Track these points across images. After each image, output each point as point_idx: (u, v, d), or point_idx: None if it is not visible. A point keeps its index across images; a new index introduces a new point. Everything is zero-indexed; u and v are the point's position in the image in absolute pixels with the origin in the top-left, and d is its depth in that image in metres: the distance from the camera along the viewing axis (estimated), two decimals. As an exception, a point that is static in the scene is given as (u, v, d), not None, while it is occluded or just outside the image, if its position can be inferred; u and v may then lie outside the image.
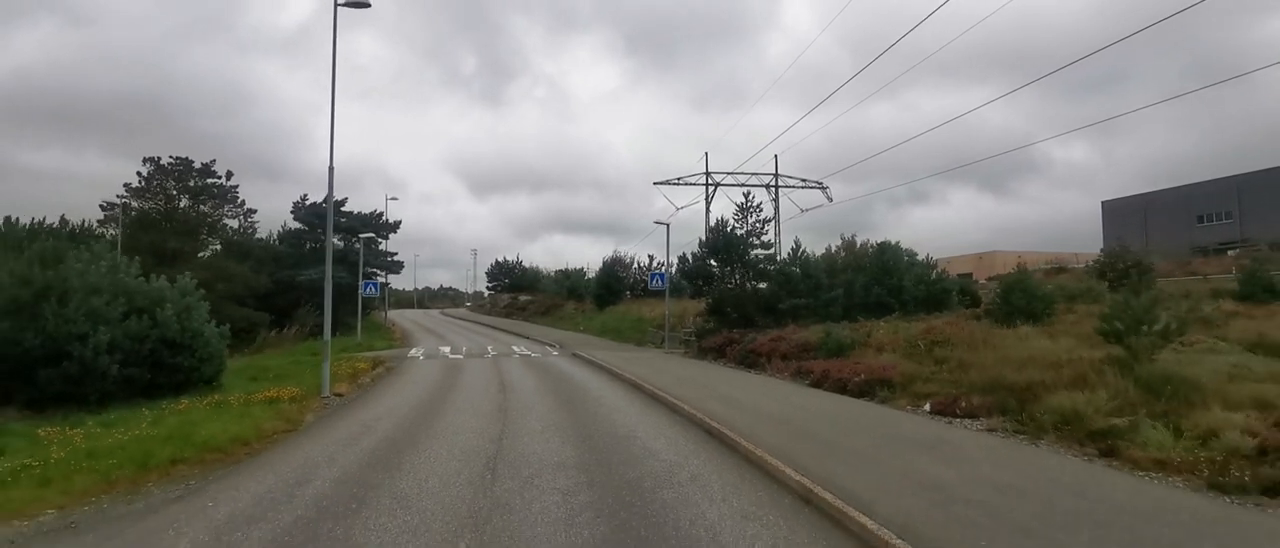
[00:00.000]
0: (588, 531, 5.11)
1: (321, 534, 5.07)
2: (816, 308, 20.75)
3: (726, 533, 5.06)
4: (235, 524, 5.32)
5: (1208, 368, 8.87)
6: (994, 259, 50.21)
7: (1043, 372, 9.42)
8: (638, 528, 5.17)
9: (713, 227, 23.96)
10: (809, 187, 43.88)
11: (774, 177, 42.95)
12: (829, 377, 12.77)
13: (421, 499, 5.98)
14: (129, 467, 7.10)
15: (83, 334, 10.87)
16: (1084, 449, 7.12)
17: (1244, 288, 17.69)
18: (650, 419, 10.28)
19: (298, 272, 32.63)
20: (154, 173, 27.38)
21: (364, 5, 13.46)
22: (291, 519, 5.44)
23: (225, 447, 8.27)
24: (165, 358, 12.53)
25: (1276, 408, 6.95)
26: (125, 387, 11.76)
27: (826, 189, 43.53)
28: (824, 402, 11.10)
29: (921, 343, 13.15)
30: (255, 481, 6.81)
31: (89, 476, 6.77)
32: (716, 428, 8.87)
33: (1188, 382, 7.97)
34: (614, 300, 42.26)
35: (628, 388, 14.06)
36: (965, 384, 10.14)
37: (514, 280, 66.64)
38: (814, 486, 5.91)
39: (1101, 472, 6.39)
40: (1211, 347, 10.37)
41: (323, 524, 5.30)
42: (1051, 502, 5.40)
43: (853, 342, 14.78)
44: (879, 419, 9.33)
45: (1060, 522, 4.90)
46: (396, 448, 8.23)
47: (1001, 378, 9.63)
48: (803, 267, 21.94)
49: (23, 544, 5.16)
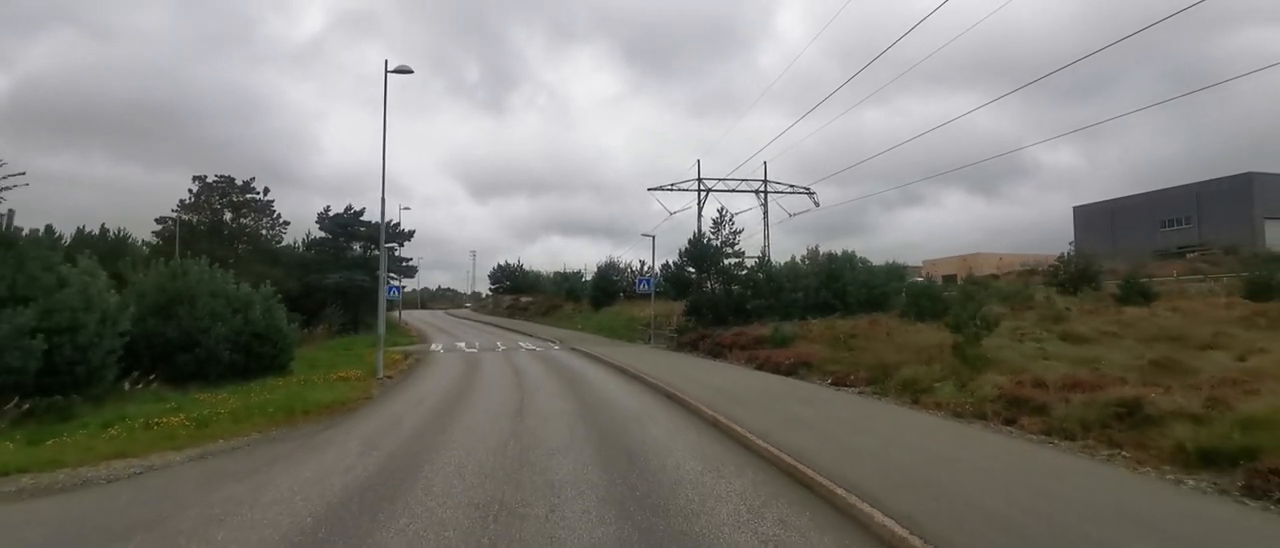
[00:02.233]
0: (582, 439, 8.82)
1: (428, 442, 8.76)
2: (778, 308, 24.48)
3: (662, 440, 8.76)
4: (374, 437, 9.04)
5: (1018, 351, 12.63)
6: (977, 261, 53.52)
7: (908, 355, 13.19)
8: (611, 439, 8.88)
9: (692, 239, 27.64)
10: (796, 192, 47.16)
11: (763, 183, 46.41)
12: (769, 362, 16.54)
13: (481, 426, 9.71)
14: (281, 414, 10.81)
15: (206, 329, 14.58)
16: (905, 400, 10.88)
17: (1124, 292, 21.48)
18: (628, 390, 14.02)
19: (324, 276, 36.21)
20: (201, 189, 31.10)
21: (407, 72, 17.11)
22: (408, 433, 9.18)
23: (330, 406, 11.97)
24: (255, 347, 16.22)
25: (1028, 374, 10.67)
26: (229, 369, 15.46)
27: (813, 194, 46.89)
28: (758, 379, 14.85)
29: (842, 337, 16.90)
30: (366, 422, 10.54)
31: (260, 418, 10.48)
32: (673, 393, 12.61)
33: (990, 359, 11.71)
34: (608, 302, 45.94)
35: (615, 371, 17.79)
36: (859, 365, 13.89)
37: (515, 282, 70.34)
38: (720, 419, 9.64)
39: (902, 411, 10.14)
40: (1036, 337, 14.13)
41: (427, 437, 9.02)
42: (857, 424, 9.13)
43: (794, 336, 18.54)
44: (788, 388, 13.08)
45: (855, 430, 8.62)
46: (451, 406, 11.96)
47: (881, 360, 13.40)
48: (767, 273, 25.70)
49: (255, 442, 8.88)
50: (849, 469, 6.39)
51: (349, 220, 38.15)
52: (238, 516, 5.47)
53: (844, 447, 7.59)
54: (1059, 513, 5.02)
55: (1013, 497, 5.49)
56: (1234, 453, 5.87)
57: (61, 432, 9.40)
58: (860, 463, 6.72)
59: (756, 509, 5.59)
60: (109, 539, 4.98)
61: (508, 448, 8.18)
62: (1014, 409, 9.09)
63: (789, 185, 46.06)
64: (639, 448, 8.18)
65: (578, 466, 7.21)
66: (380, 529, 5.08)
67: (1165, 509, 5.15)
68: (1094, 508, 5.13)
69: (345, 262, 36.76)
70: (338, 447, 8.46)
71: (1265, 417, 6.22)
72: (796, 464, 6.76)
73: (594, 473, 6.87)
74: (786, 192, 47.23)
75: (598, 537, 4.90)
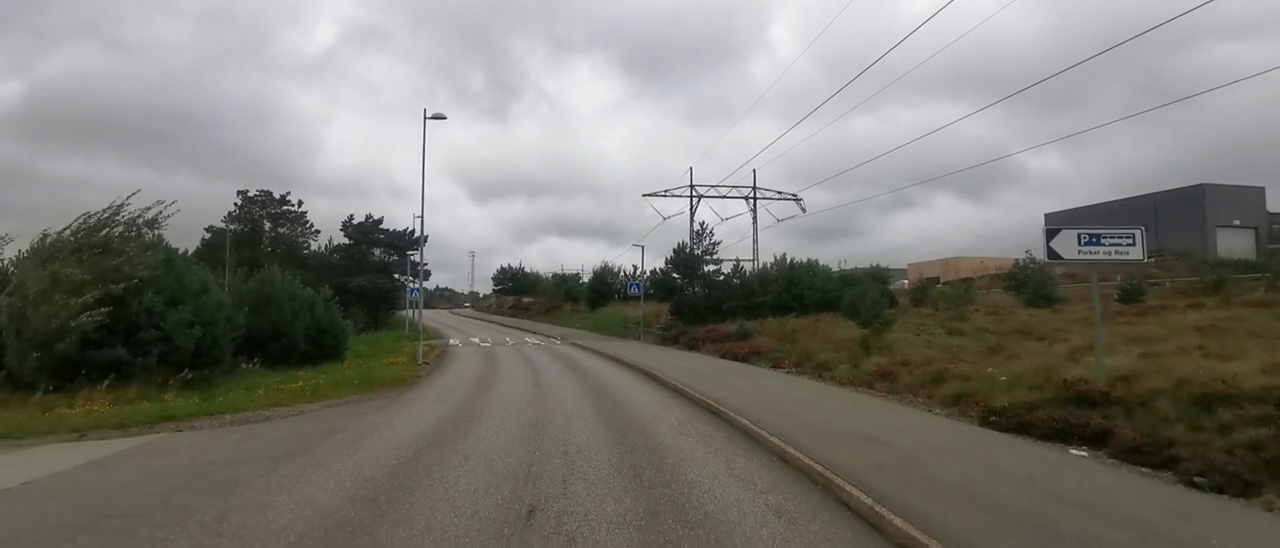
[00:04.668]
0: (583, 397, 12.97)
1: (479, 399, 12.87)
2: (750, 309, 28.67)
3: (637, 397, 12.91)
4: (442, 396, 13.18)
5: (910, 342, 16.84)
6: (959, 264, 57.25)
7: (830, 345, 17.39)
8: (602, 396, 13.03)
9: (676, 248, 31.84)
10: (784, 198, 51.07)
11: (752, 189, 50.39)
12: (731, 352, 20.75)
13: (511, 390, 13.87)
14: (363, 385, 14.94)
15: (289, 323, 18.70)
16: (816, 375, 15.07)
17: (1031, 296, 25.75)
18: (616, 370, 18.20)
19: (348, 279, 40.29)
20: (244, 202, 35.23)
21: (442, 118, 21.24)
22: (462, 394, 13.35)
23: (393, 381, 16.08)
24: (320, 339, 20.36)
25: (901, 357, 14.85)
26: (302, 356, 19.56)
27: (800, 201, 50.72)
28: (718, 363, 19.04)
29: (788, 332, 21.10)
30: (428, 389, 14.68)
31: (349, 388, 14.59)
32: (649, 372, 16.78)
33: (884, 346, 15.92)
34: (604, 302, 50.14)
35: (607, 359, 21.95)
36: (794, 353, 18.09)
37: (517, 283, 74.51)
38: (679, 386, 13.82)
39: (808, 382, 14.32)
40: (930, 332, 18.34)
41: (476, 396, 13.16)
42: (769, 389, 13.30)
43: (753, 332, 22.74)
44: (737, 370, 17.26)
45: (765, 391, 12.78)
46: (485, 380, 16.12)
47: (809, 349, 17.61)
48: (741, 279, 29.90)
49: (355, 401, 13.01)
50: (747, 407, 10.55)
51: (370, 227, 42.25)
52: (382, 432, 9.59)
53: (751, 399, 11.77)
54: (853, 425, 9.18)
55: (830, 420, 9.65)
56: (959, 395, 10.08)
57: (216, 394, 13.51)
58: (755, 405, 10.89)
59: (682, 422, 9.81)
60: (318, 440, 9.10)
61: (533, 401, 12.36)
62: (880, 380, 13.30)
63: (777, 192, 49.76)
64: (620, 399, 12.38)
65: (581, 408, 11.39)
66: (470, 435, 9.19)
67: (913, 422, 9.32)
68: (873, 423, 9.30)
69: (367, 266, 40.85)
70: (418, 402, 12.60)
71: (981, 378, 10.44)
72: (717, 406, 10.94)
73: (590, 411, 11.05)
74: (775, 198, 51.38)
75: (594, 436, 9.03)
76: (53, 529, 5.14)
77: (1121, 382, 8.31)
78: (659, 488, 6.22)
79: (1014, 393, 9.32)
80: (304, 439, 8.87)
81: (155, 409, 11.34)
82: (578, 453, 7.77)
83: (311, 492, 6.12)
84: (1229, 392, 6.84)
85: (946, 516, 4.92)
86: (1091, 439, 7.16)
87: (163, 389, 13.29)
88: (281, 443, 8.69)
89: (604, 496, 5.95)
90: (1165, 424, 6.78)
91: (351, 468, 7.04)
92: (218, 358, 15.57)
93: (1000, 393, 9.47)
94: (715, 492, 6.11)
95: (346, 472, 6.87)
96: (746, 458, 7.58)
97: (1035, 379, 9.70)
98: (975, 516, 4.95)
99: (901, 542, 4.65)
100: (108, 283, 12.71)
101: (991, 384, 10.15)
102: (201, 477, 6.85)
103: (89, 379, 12.70)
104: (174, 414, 10.98)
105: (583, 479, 6.53)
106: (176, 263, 15.14)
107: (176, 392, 13.53)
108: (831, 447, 7.41)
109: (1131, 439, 6.64)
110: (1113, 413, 7.51)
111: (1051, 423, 7.72)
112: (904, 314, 24.47)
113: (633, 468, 7.02)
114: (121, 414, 10.95)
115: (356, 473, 6.81)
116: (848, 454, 7.02)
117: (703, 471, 6.94)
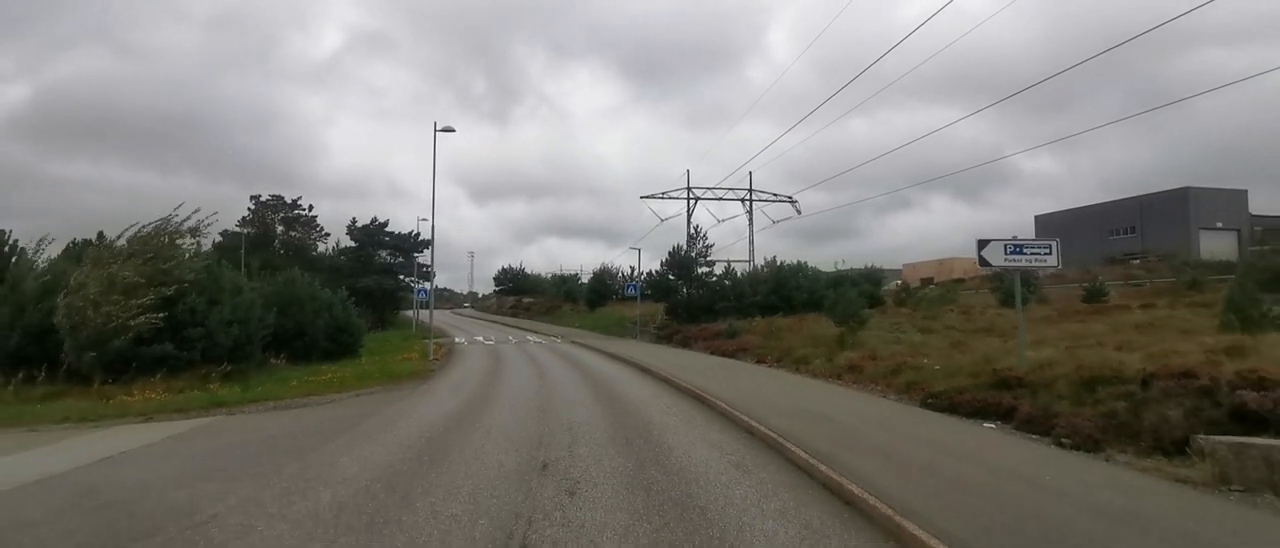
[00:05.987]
0: (583, 387, 14.50)
1: (490, 389, 14.41)
2: (740, 310, 30.22)
3: (631, 387, 14.46)
4: (456, 387, 14.73)
5: (883, 339, 18.40)
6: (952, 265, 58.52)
7: (809, 341, 18.95)
8: (601, 387, 14.57)
9: (671, 251, 33.39)
10: (780, 201, 52.19)
11: (749, 191, 51.59)
12: (721, 349, 22.31)
13: (519, 382, 15.40)
14: (385, 378, 16.47)
15: (312, 321, 20.24)
16: (794, 369, 16.63)
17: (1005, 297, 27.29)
18: (613, 365, 19.75)
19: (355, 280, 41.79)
20: (257, 206, 36.76)
21: (451, 131, 22.76)
22: (475, 386, 14.89)
23: (409, 375, 17.61)
24: (338, 337, 21.89)
25: (872, 351, 16.40)
26: (322, 353, 21.09)
27: (795, 203, 52.02)
28: (707, 359, 20.59)
29: (774, 331, 22.65)
30: (442, 381, 16.23)
31: (372, 381, 16.11)
32: (643, 366, 18.34)
33: (858, 343, 17.48)
34: (603, 303, 51.68)
35: (606, 356, 23.50)
36: (777, 349, 19.65)
37: (518, 284, 76.05)
38: (668, 377, 15.36)
39: (786, 374, 15.88)
40: (902, 330, 19.91)
41: (488, 387, 14.71)
42: (749, 379, 14.84)
43: (742, 330, 24.30)
44: (723, 364, 18.81)
45: (745, 381, 14.32)
46: (494, 374, 17.66)
47: (790, 346, 19.17)
48: (732, 281, 31.46)
49: (379, 392, 14.55)
50: (726, 394, 12.09)
51: (375, 230, 43.77)
52: (411, 414, 11.12)
53: (732, 388, 13.31)
54: (814, 406, 10.72)
55: (796, 404, 11.18)
56: (910, 383, 11.65)
57: (253, 385, 15.04)
58: (734, 393, 12.42)
59: (669, 406, 11.39)
60: (358, 421, 10.64)
61: (539, 390, 13.92)
62: (849, 372, 14.85)
63: (773, 194, 50.78)
64: (616, 389, 13.94)
65: (581, 395, 12.94)
66: (486, 416, 10.72)
67: (864, 405, 10.87)
68: (830, 406, 10.85)
69: (373, 268, 42.37)
70: (436, 392, 14.15)
71: (929, 370, 12.00)
72: (701, 393, 12.49)
73: (590, 398, 12.61)
74: (770, 200, 52.66)
75: (593, 416, 10.57)
76: (176, 478, 6.68)
77: (1038, 369, 9.87)
78: (646, 451, 7.77)
79: (954, 380, 10.88)
80: (346, 421, 10.41)
81: (206, 397, 12.89)
82: (580, 428, 9.33)
83: (367, 453, 7.68)
84: (1111, 375, 8.39)
85: (861, 465, 6.47)
86: (1002, 415, 8.71)
87: (206, 381, 14.83)
88: (328, 423, 10.23)
89: (602, 456, 7.50)
90: (1057, 401, 8.34)
91: (394, 439, 8.59)
92: (250, 353, 17.11)
93: (939, 380, 11.03)
94: (691, 453, 7.66)
95: (391, 442, 8.42)
96: (720, 431, 9.14)
97: (975, 368, 11.25)
98: (883, 464, 6.51)
99: (824, 481, 6.21)
100: (159, 286, 14.24)
101: (933, 374, 11.71)
102: (271, 446, 8.40)
103: (140, 372, 14.24)
104: (224, 401, 12.52)
105: (584, 445, 8.09)
106: (214, 267, 16.67)
107: (219, 383, 15.08)
108: (790, 422, 8.96)
109: (1028, 414, 8.20)
110: (1022, 394, 9.06)
111: (974, 403, 9.27)
112: (884, 314, 26.07)
113: (625, 438, 8.58)
114: (178, 401, 12.48)
115: (399, 442, 8.37)
116: (801, 427, 8.58)
117: (682, 440, 8.50)
